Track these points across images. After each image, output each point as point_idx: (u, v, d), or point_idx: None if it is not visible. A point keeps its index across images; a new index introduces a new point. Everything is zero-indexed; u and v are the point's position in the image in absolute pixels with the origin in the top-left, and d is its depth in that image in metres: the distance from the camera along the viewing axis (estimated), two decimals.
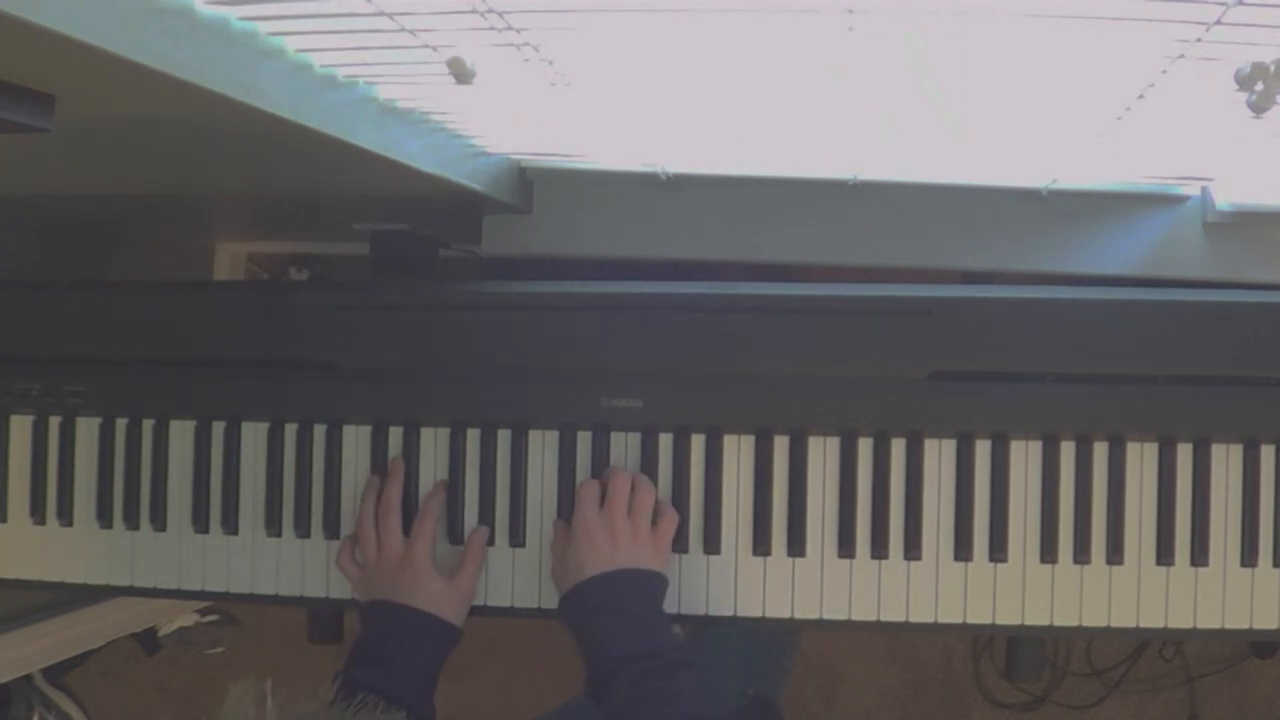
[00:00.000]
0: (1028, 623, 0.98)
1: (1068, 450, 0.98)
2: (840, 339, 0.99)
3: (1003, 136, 1.03)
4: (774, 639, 1.25)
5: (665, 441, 1.01)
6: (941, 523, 0.99)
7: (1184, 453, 0.97)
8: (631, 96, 0.95)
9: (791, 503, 1.00)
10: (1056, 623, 0.97)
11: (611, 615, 0.91)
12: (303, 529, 1.05)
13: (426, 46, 0.78)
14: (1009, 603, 0.98)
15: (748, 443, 1.00)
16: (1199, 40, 0.71)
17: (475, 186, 1.12)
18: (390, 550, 0.98)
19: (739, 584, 1.00)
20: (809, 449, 1.00)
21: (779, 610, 1.00)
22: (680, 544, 1.00)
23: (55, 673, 1.83)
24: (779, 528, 1.00)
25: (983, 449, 0.99)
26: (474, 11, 0.72)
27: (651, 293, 1.03)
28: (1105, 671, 1.85)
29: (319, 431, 1.05)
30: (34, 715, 1.81)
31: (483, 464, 1.03)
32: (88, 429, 1.08)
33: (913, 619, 0.98)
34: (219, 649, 1.98)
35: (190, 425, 1.07)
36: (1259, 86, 0.73)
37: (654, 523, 0.97)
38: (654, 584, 0.95)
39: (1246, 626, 0.97)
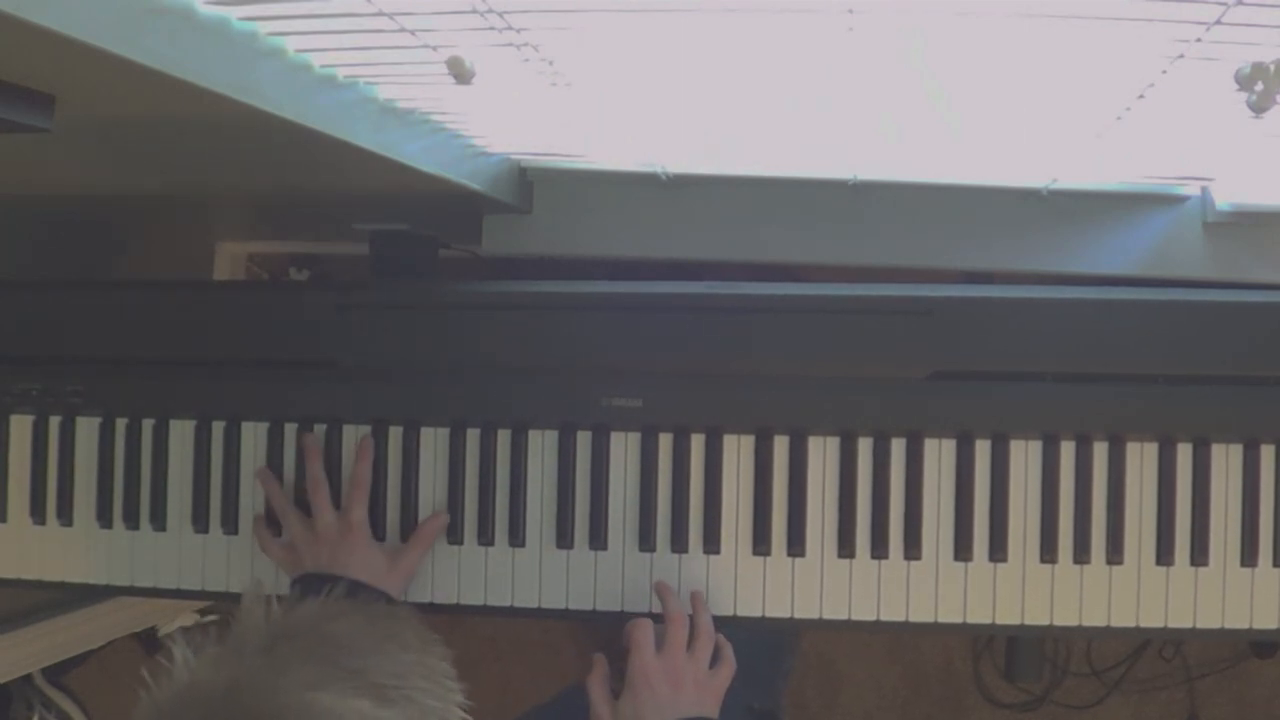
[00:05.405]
0: (1028, 623, 0.98)
1: (1068, 450, 0.98)
2: (840, 339, 0.99)
3: (1003, 136, 1.03)
4: (775, 642, 1.24)
5: (665, 441, 1.01)
6: (941, 523, 0.99)
7: (1184, 453, 0.97)
8: (631, 96, 0.95)
9: (791, 502, 1.00)
10: (1056, 623, 0.98)
11: None
12: None
13: (426, 46, 0.78)
14: (1009, 603, 0.98)
15: (748, 442, 1.00)
16: (1199, 40, 0.71)
17: (475, 186, 1.12)
18: (324, 524, 0.98)
19: (739, 584, 1.00)
20: (809, 449, 1.00)
21: (779, 610, 1.00)
22: (680, 544, 1.00)
23: (55, 673, 1.83)
24: (779, 527, 1.00)
25: (983, 449, 0.99)
26: (474, 11, 0.72)
27: (651, 293, 1.03)
28: (1105, 671, 1.85)
29: (319, 431, 1.05)
30: (34, 715, 1.81)
31: (482, 464, 1.03)
32: (88, 429, 1.08)
33: (913, 619, 0.98)
34: None
35: (190, 425, 1.07)
36: (1259, 86, 0.73)
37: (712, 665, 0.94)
38: None
39: (1246, 626, 0.97)
